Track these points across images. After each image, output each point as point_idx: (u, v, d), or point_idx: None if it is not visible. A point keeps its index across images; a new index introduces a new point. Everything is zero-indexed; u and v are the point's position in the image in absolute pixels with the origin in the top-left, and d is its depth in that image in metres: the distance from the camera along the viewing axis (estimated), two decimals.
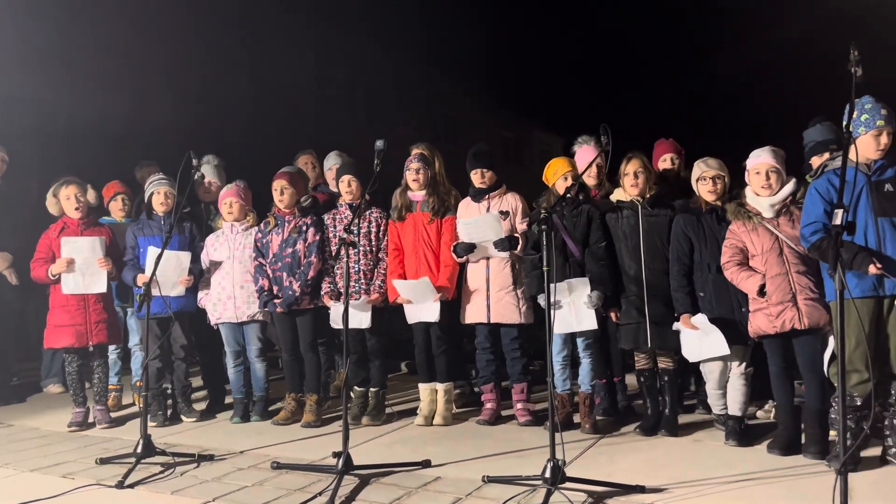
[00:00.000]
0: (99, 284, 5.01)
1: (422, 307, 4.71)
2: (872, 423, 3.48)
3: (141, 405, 4.34)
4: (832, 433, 3.68)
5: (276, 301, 4.88)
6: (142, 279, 4.80)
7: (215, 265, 5.12)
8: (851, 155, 3.13)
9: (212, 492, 3.56)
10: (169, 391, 5.29)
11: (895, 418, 3.48)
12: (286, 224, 4.98)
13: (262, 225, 5.09)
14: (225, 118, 12.74)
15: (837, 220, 2.60)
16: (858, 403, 3.49)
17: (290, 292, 4.86)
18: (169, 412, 5.23)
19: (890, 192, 3.43)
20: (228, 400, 5.40)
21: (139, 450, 3.98)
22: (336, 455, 3.61)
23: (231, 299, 5.04)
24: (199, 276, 5.12)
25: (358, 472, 3.62)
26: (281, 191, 4.97)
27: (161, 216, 5.16)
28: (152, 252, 4.69)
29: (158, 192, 5.16)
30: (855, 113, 3.27)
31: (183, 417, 5.24)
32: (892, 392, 3.48)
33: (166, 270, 4.70)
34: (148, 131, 10.31)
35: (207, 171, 5.52)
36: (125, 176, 6.03)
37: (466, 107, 23.53)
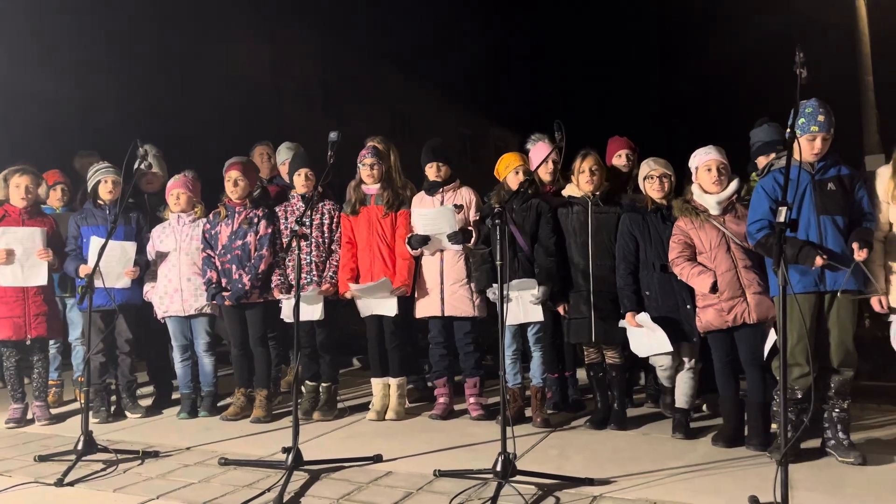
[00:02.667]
0: (38, 277, 4.83)
1: (378, 302, 4.68)
2: (812, 415, 3.59)
3: (82, 401, 4.21)
4: (774, 426, 3.78)
5: (224, 294, 4.79)
6: (84, 270, 4.66)
7: (161, 257, 4.99)
8: (795, 154, 3.22)
9: (156, 489, 3.47)
10: (113, 386, 5.14)
11: (834, 411, 3.59)
12: (236, 215, 4.88)
13: (210, 216, 4.99)
14: (177, 110, 12.45)
15: (781, 218, 2.67)
16: (799, 396, 3.59)
17: (240, 285, 4.77)
18: (113, 408, 5.10)
19: (832, 191, 3.53)
20: (176, 395, 5.28)
21: (80, 447, 3.86)
22: (285, 450, 3.55)
23: (178, 292, 4.92)
24: (146, 268, 4.99)
25: (308, 467, 3.57)
26: (235, 182, 4.87)
27: (107, 205, 5.01)
28: (96, 242, 4.55)
29: (106, 181, 5.01)
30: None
31: (127, 413, 5.10)
32: (832, 385, 3.59)
33: (111, 261, 4.56)
34: (91, 122, 10.01)
35: (152, 160, 5.37)
36: (63, 165, 5.83)
37: (423, 103, 23.49)
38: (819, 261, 3.36)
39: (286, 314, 4.79)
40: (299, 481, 3.46)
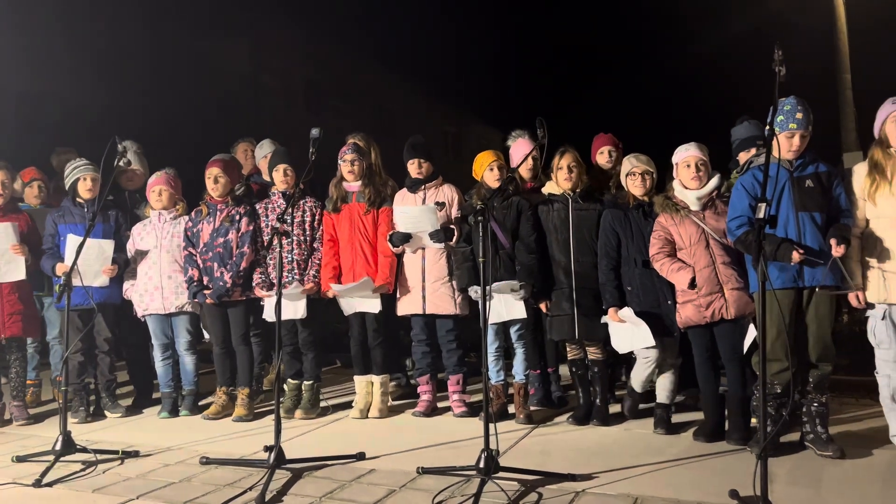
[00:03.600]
0: (16, 272, 4.77)
1: (361, 300, 4.67)
2: (791, 409, 3.64)
3: (61, 401, 4.15)
4: (754, 420, 3.82)
5: (205, 292, 4.75)
6: (62, 268, 4.60)
7: (142, 255, 4.94)
8: (774, 151, 3.25)
9: (136, 489, 3.44)
10: (92, 386, 5.09)
11: (812, 405, 3.63)
12: (218, 213, 4.85)
13: (192, 213, 4.95)
14: (157, 106, 12.33)
15: (760, 214, 2.69)
16: (779, 391, 3.63)
17: (221, 283, 4.73)
18: (92, 408, 5.05)
19: (810, 188, 3.57)
20: (156, 395, 5.23)
21: (58, 447, 3.82)
22: (268, 449, 3.54)
23: (158, 290, 4.87)
24: (125, 266, 4.93)
25: (290, 465, 3.56)
26: (215, 179, 4.84)
27: (86, 203, 4.95)
28: (73, 240, 4.50)
29: (85, 178, 4.95)
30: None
31: (107, 413, 5.05)
32: (810, 380, 3.64)
33: (88, 259, 4.50)
34: (70, 118, 9.88)
35: (130, 157, 5.31)
36: (40, 162, 5.75)
37: (406, 100, 23.44)
38: (796, 256, 3.40)
39: (268, 313, 4.77)
40: (281, 480, 3.45)
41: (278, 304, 3.65)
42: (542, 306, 4.48)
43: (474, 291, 4.41)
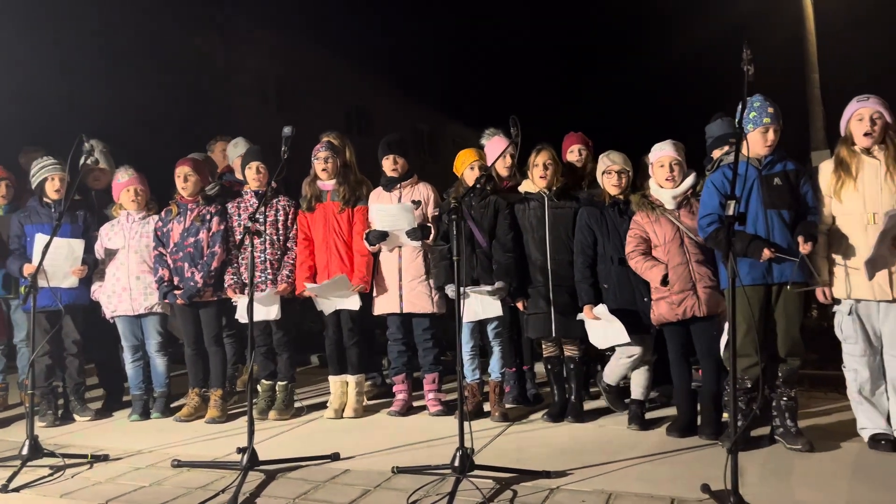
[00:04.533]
0: None
1: (341, 299, 4.64)
2: (762, 404, 3.68)
3: (28, 404, 4.07)
4: (726, 415, 3.86)
5: (176, 292, 4.69)
6: (28, 269, 4.51)
7: (110, 255, 4.86)
8: (744, 150, 3.29)
9: (105, 494, 3.39)
10: (60, 389, 5.00)
11: (782, 399, 3.69)
12: (188, 212, 4.79)
13: (162, 213, 4.88)
14: (127, 105, 12.13)
15: (730, 211, 2.72)
16: (749, 386, 3.68)
17: (192, 283, 4.68)
18: (60, 411, 4.95)
19: (778, 186, 3.62)
20: (127, 397, 5.16)
21: (25, 451, 3.75)
22: (241, 451, 3.50)
23: (127, 291, 4.80)
24: (94, 267, 4.85)
25: (264, 467, 3.52)
26: (185, 178, 4.79)
27: (53, 204, 4.85)
28: (40, 240, 4.41)
29: (53, 178, 4.86)
30: (745, 110, 3.43)
31: (76, 416, 4.96)
32: (780, 375, 3.69)
33: (57, 260, 4.42)
34: (37, 117, 9.68)
35: (97, 157, 5.21)
36: (7, 161, 5.63)
37: (380, 98, 23.37)
38: (767, 253, 3.44)
39: (241, 314, 4.72)
40: (255, 482, 3.41)
41: (250, 304, 3.61)
42: (519, 305, 4.50)
43: (451, 290, 4.40)
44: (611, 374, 4.31)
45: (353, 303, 4.65)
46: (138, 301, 4.82)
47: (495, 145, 4.78)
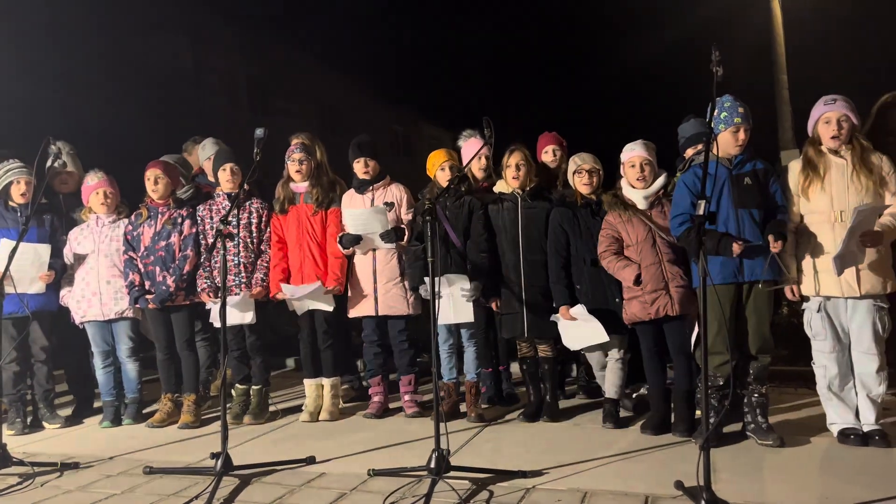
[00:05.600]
0: None
1: (315, 301, 4.62)
2: (733, 400, 3.74)
3: None
4: (699, 412, 3.90)
5: (147, 297, 4.62)
6: None
7: (79, 260, 4.78)
8: (714, 150, 3.32)
9: (76, 502, 3.33)
10: (29, 396, 4.90)
11: (753, 396, 3.74)
12: (159, 216, 4.73)
13: (132, 217, 4.81)
14: (94, 107, 11.92)
15: (700, 211, 2.75)
16: (721, 383, 3.73)
17: (164, 287, 4.61)
18: (29, 419, 4.85)
19: (749, 185, 3.68)
20: (98, 404, 5.07)
21: None
22: (214, 456, 3.46)
23: (97, 296, 4.72)
24: (62, 272, 4.77)
25: (238, 472, 3.49)
26: (154, 180, 4.72)
27: (19, 207, 4.76)
28: (5, 245, 4.31)
29: (18, 182, 4.76)
30: (716, 111, 3.47)
31: (45, 424, 4.87)
32: (751, 371, 3.74)
33: (23, 265, 4.33)
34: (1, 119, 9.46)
35: (66, 159, 5.12)
36: None
37: (354, 99, 23.27)
38: (737, 248, 3.49)
39: (214, 317, 4.67)
40: (229, 487, 3.38)
41: (223, 308, 3.57)
42: (493, 305, 4.50)
43: (425, 289, 4.40)
44: (611, 386, 4.22)
45: (328, 304, 4.62)
46: (109, 306, 4.74)
47: (471, 146, 4.79)
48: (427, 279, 3.95)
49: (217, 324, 4.58)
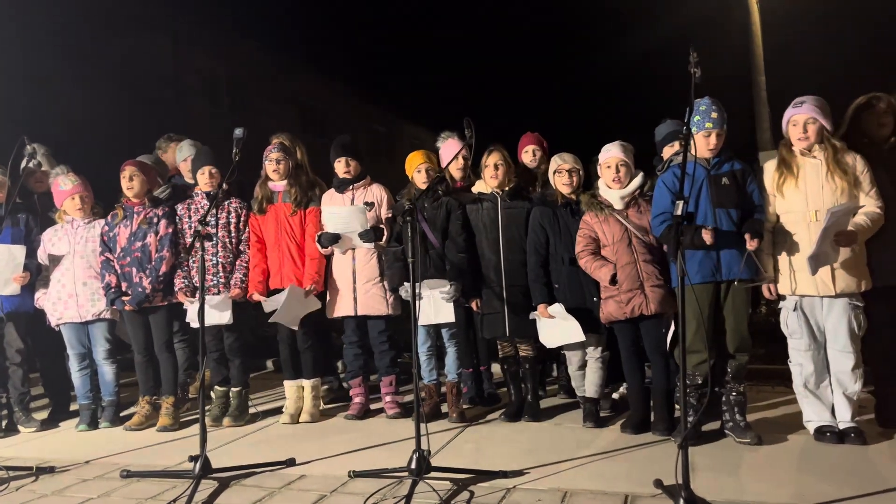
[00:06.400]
0: None
1: (303, 307, 4.58)
2: (712, 399, 3.77)
3: None
4: (679, 411, 3.93)
5: (124, 298, 4.57)
6: None
7: (55, 261, 4.71)
8: (692, 150, 3.35)
9: None
10: (3, 400, 4.83)
11: (731, 394, 3.77)
12: (135, 216, 4.67)
13: (108, 217, 4.75)
14: (69, 105, 11.77)
15: (678, 211, 2.77)
16: (699, 382, 3.76)
17: (141, 289, 4.56)
18: (4, 423, 4.78)
19: (726, 185, 3.71)
20: (74, 407, 5.00)
21: None
22: (193, 459, 3.42)
23: (73, 297, 4.66)
24: (37, 274, 4.70)
25: (217, 475, 3.46)
26: (130, 177, 4.67)
27: None
28: None
29: None
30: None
31: (21, 428, 4.80)
32: (729, 370, 3.77)
33: None
34: None
35: (39, 159, 5.05)
36: None
37: (336, 99, 23.19)
38: (706, 234, 3.52)
39: (192, 318, 4.62)
40: (207, 490, 3.34)
41: (201, 309, 3.54)
42: (474, 305, 4.51)
43: (405, 291, 4.39)
44: (591, 385, 4.24)
45: (313, 305, 4.59)
46: (85, 307, 4.68)
47: (450, 147, 4.78)
48: (407, 284, 3.95)
49: (194, 324, 4.53)
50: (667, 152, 4.43)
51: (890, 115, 3.78)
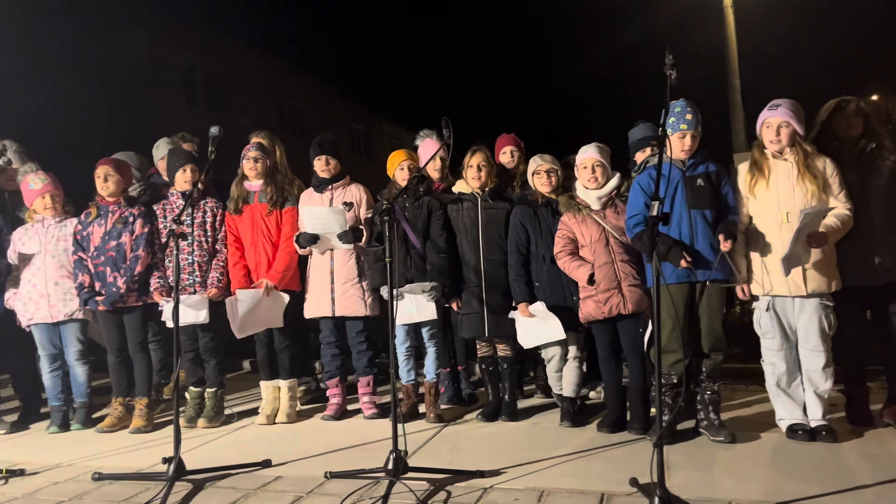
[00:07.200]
0: None
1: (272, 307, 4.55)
2: (687, 398, 3.80)
3: None
4: (654, 409, 3.96)
5: (98, 298, 4.50)
6: None
7: (25, 260, 4.62)
8: (668, 151, 3.38)
9: None
10: None
11: (706, 393, 3.81)
12: (110, 214, 4.60)
13: (82, 216, 4.68)
14: (43, 102, 11.57)
15: (654, 212, 2.79)
16: (675, 381, 3.79)
17: (115, 289, 4.50)
18: None
19: (701, 187, 3.75)
20: (45, 409, 4.92)
21: None
22: (166, 461, 3.38)
23: (44, 297, 4.59)
24: (6, 273, 4.62)
25: (191, 477, 3.42)
26: (105, 177, 4.60)
27: None
28: None
29: None
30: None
31: None
32: (703, 369, 3.82)
33: None
34: None
35: (10, 156, 4.96)
36: None
37: (315, 98, 23.08)
38: (683, 263, 3.56)
39: (168, 318, 4.57)
40: (181, 492, 3.31)
41: (176, 309, 3.50)
42: (453, 305, 4.51)
43: (385, 291, 4.37)
44: (568, 385, 4.25)
45: (279, 301, 4.55)
46: (57, 308, 4.61)
47: (428, 147, 4.78)
48: (385, 288, 3.94)
49: (170, 324, 4.48)
50: (639, 157, 4.47)
51: (859, 118, 3.85)
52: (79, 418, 4.72)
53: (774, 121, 3.69)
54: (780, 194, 3.66)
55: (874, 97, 14.86)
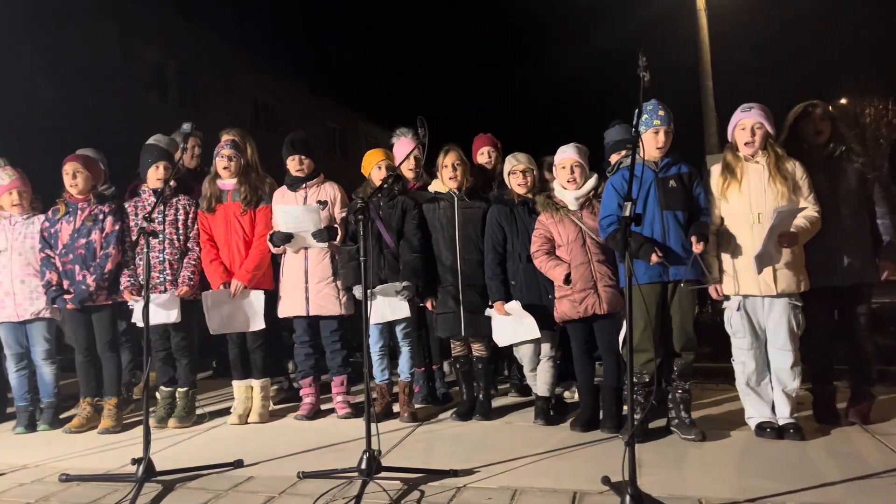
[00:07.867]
0: None
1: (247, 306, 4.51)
2: (659, 397, 3.84)
3: None
4: (626, 409, 4.00)
5: (66, 297, 4.42)
6: None
7: None
8: (641, 152, 3.42)
9: None
10: None
11: (677, 392, 3.86)
12: (79, 212, 4.52)
13: (49, 213, 4.59)
14: (10, 96, 11.32)
15: (626, 213, 2.82)
16: (647, 380, 3.83)
17: (84, 287, 4.42)
18: None
19: (674, 188, 3.79)
20: (11, 409, 4.82)
21: None
22: (136, 462, 3.33)
23: (10, 296, 4.50)
24: None
25: (161, 478, 3.38)
26: (73, 174, 4.52)
27: None
28: None
29: None
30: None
31: None
32: (675, 369, 3.86)
33: None
34: None
35: None
36: None
37: (289, 95, 22.91)
38: (654, 258, 3.60)
39: (138, 317, 4.50)
40: (151, 494, 3.26)
41: (146, 307, 3.45)
42: (428, 304, 4.50)
43: (358, 291, 4.36)
44: (542, 384, 4.26)
45: (256, 298, 4.51)
46: (23, 306, 4.52)
47: (403, 146, 4.77)
48: (358, 287, 3.92)
49: (140, 323, 4.41)
50: (613, 159, 4.50)
51: (827, 122, 3.92)
52: (46, 419, 4.64)
53: (749, 122, 3.75)
54: (752, 196, 3.71)
55: (842, 101, 15.18)
